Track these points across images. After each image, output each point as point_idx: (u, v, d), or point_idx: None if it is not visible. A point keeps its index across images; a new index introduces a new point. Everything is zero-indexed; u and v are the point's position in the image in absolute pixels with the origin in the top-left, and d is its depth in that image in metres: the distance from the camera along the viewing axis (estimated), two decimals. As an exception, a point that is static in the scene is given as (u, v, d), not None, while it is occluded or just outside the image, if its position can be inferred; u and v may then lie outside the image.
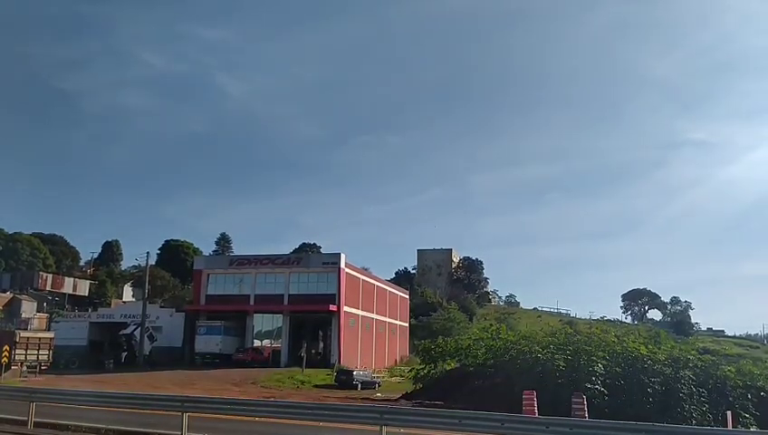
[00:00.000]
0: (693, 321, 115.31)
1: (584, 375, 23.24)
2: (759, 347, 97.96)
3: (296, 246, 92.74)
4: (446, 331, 65.06)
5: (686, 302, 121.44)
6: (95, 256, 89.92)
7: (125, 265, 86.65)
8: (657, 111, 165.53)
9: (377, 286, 61.53)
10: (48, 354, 37.77)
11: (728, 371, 24.61)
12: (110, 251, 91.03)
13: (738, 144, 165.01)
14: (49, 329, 48.44)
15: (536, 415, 18.35)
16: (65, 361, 42.80)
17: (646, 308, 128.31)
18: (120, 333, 52.14)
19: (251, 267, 53.26)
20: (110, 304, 67.58)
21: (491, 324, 42.60)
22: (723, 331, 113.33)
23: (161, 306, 59.17)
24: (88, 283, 77.04)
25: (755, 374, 25.30)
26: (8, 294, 64.71)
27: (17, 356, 35.64)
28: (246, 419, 16.26)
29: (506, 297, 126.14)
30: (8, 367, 34.75)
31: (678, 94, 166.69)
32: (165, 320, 53.49)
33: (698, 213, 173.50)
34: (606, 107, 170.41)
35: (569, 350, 25.57)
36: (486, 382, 27.20)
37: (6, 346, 34.99)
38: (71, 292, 73.85)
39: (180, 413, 14.89)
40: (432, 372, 33.45)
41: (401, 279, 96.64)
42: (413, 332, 70.46)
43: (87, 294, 74.48)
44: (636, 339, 27.43)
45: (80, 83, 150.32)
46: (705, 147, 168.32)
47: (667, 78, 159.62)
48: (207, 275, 54.34)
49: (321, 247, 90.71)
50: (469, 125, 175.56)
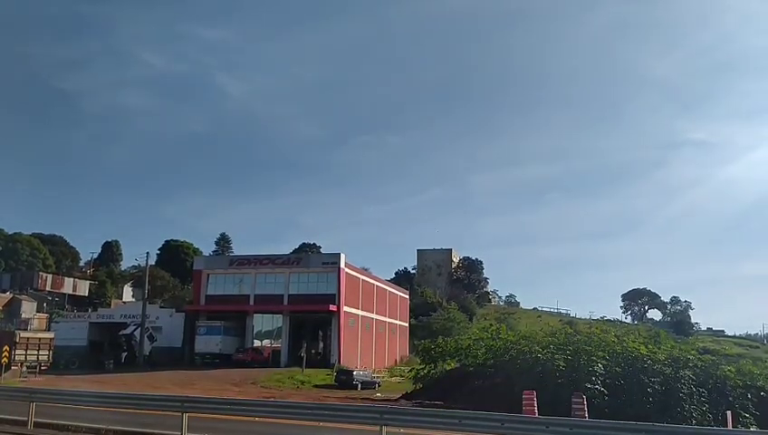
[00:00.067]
0: (693, 321, 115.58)
1: (584, 375, 23.24)
2: (759, 347, 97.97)
3: (296, 247, 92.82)
4: (446, 331, 65.06)
5: (685, 302, 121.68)
6: (95, 257, 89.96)
7: (125, 265, 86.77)
8: (657, 111, 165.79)
9: (377, 286, 61.53)
10: (48, 355, 37.77)
11: (728, 370, 24.62)
12: (110, 251, 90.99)
13: (738, 144, 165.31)
14: (49, 329, 48.42)
15: (536, 415, 18.34)
16: (65, 361, 42.78)
17: (646, 308, 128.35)
18: (120, 333, 52.11)
19: (251, 267, 53.26)
20: (109, 305, 67.61)
21: (491, 324, 42.61)
22: (723, 331, 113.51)
23: (161, 307, 59.19)
24: (88, 283, 77.03)
25: (755, 374, 25.32)
26: (8, 295, 64.69)
27: (17, 356, 35.63)
28: (246, 419, 16.26)
29: (506, 297, 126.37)
30: (8, 367, 34.72)
31: (678, 94, 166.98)
32: (165, 320, 53.49)
33: (698, 213, 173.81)
34: (606, 107, 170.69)
35: (569, 350, 25.56)
36: (486, 382, 27.19)
37: (6, 346, 34.96)
38: (70, 292, 73.83)
39: (180, 413, 14.89)
40: (432, 372, 33.45)
41: (401, 279, 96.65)
42: (413, 332, 70.46)
43: (87, 295, 74.47)
44: (636, 339, 27.43)
45: (80, 83, 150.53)
46: (705, 147, 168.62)
47: (667, 78, 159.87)
48: (207, 276, 54.34)
49: (321, 247, 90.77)
50: (469, 125, 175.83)
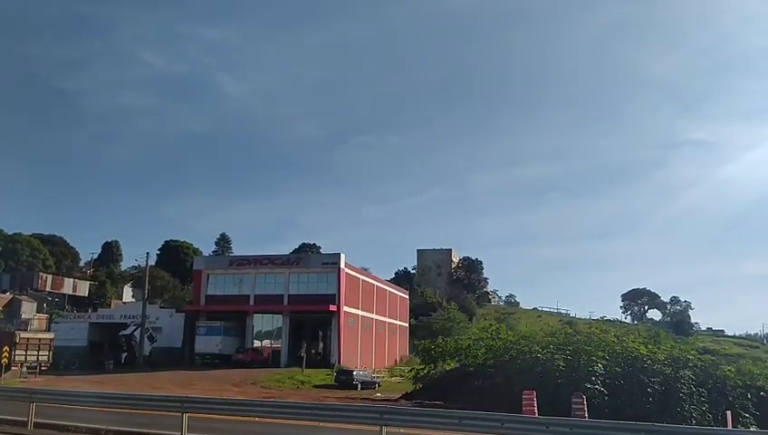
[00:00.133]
0: (693, 321, 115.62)
1: (584, 375, 23.23)
2: (759, 347, 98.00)
3: (296, 247, 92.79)
4: (446, 331, 65.05)
5: (685, 302, 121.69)
6: (95, 257, 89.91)
7: (125, 265, 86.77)
8: (656, 111, 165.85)
9: (377, 286, 61.54)
10: (48, 355, 37.74)
11: (728, 370, 24.64)
12: (110, 252, 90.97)
13: (738, 144, 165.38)
14: (49, 330, 48.38)
15: (536, 415, 18.35)
16: (65, 361, 42.76)
17: (645, 308, 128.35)
18: (120, 333, 52.10)
19: (251, 268, 53.27)
20: (109, 305, 67.62)
21: (491, 324, 42.60)
22: (722, 330, 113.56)
23: (161, 307, 59.19)
24: (88, 283, 77.00)
25: (755, 374, 25.35)
26: (8, 295, 64.66)
27: (17, 357, 35.61)
28: (246, 419, 16.28)
29: (506, 297, 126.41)
30: (8, 368, 34.71)
31: (678, 94, 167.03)
32: (165, 320, 53.49)
33: (698, 213, 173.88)
34: (606, 107, 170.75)
35: (568, 350, 25.56)
36: (486, 382, 27.18)
37: (6, 347, 34.94)
38: (70, 292, 73.79)
39: (180, 414, 14.90)
40: (432, 372, 33.46)
41: (401, 279, 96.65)
42: (413, 332, 70.47)
43: (87, 295, 74.44)
44: (635, 339, 27.43)
45: (80, 83, 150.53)
46: (704, 147, 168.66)
47: (666, 78, 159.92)
48: (207, 276, 54.34)
49: (320, 247, 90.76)
50: (469, 125, 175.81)
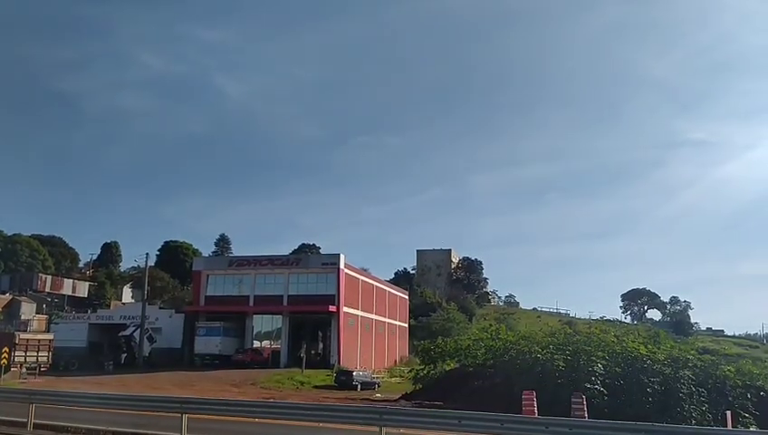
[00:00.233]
0: (692, 320, 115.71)
1: (584, 375, 23.21)
2: (758, 347, 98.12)
3: (295, 247, 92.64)
4: (446, 331, 65.06)
5: (685, 301, 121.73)
6: (94, 258, 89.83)
7: (124, 266, 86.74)
8: (655, 111, 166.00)
9: (376, 287, 61.52)
10: (47, 356, 37.77)
11: (728, 370, 24.61)
12: (110, 252, 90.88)
13: (737, 144, 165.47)
14: (48, 331, 48.35)
15: (536, 415, 18.36)
16: (65, 362, 42.74)
17: (645, 308, 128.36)
18: (120, 334, 52.11)
19: (250, 268, 53.23)
20: (109, 306, 67.49)
21: (490, 325, 42.65)
22: (722, 330, 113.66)
23: (161, 308, 59.14)
24: (87, 284, 76.89)
25: (755, 374, 25.34)
26: (7, 296, 64.55)
27: (17, 358, 35.65)
28: (246, 420, 16.27)
29: (506, 297, 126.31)
30: (8, 369, 34.73)
31: (677, 94, 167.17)
32: (164, 321, 53.46)
33: (697, 213, 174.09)
34: (605, 107, 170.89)
35: (568, 350, 25.55)
36: (486, 383, 27.17)
37: (6, 348, 34.97)
38: (70, 293, 73.64)
39: (180, 414, 14.89)
40: (431, 372, 33.48)
41: (401, 279, 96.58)
42: (412, 332, 70.44)
43: (86, 296, 74.31)
44: (635, 339, 27.40)
45: (79, 84, 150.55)
46: (703, 146, 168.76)
47: (665, 78, 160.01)
48: (207, 276, 54.30)
49: (320, 248, 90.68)
50: (469, 125, 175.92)
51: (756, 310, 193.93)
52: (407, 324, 70.63)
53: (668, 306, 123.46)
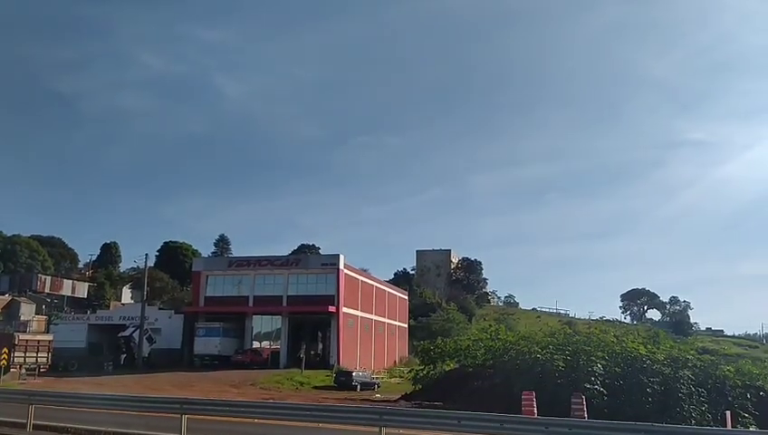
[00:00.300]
0: (692, 320, 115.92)
1: (583, 375, 23.21)
2: (758, 347, 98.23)
3: (295, 247, 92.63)
4: (446, 332, 65.11)
5: (684, 302, 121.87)
6: (94, 258, 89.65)
7: (124, 266, 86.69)
8: (655, 111, 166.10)
9: (376, 287, 61.52)
10: (47, 357, 37.74)
11: (727, 370, 24.63)
12: (109, 253, 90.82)
13: (736, 144, 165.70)
14: (48, 331, 48.36)
15: (535, 416, 18.36)
16: (64, 363, 42.69)
17: (645, 308, 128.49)
18: (119, 335, 52.09)
19: (250, 269, 53.21)
20: (108, 306, 67.40)
21: (490, 325, 42.69)
22: (722, 330, 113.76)
23: (160, 308, 59.12)
24: (87, 285, 76.78)
25: (754, 374, 25.37)
26: (7, 297, 64.46)
27: (16, 359, 35.62)
28: (245, 420, 16.27)
29: (505, 298, 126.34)
30: (7, 369, 34.72)
31: (677, 94, 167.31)
32: (164, 322, 53.41)
33: (696, 213, 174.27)
34: (604, 107, 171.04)
35: (568, 350, 25.54)
36: (485, 383, 27.18)
37: (5, 349, 34.96)
38: (69, 294, 73.53)
39: (179, 415, 14.89)
40: (431, 372, 33.48)
41: (400, 280, 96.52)
42: (412, 333, 70.45)
43: (86, 297, 74.20)
44: (635, 339, 27.40)
45: (79, 85, 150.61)
46: (703, 146, 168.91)
47: (665, 78, 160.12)
48: (206, 277, 54.26)
49: (319, 248, 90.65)
50: (469, 125, 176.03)
51: (756, 310, 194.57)
52: (406, 325, 70.61)
53: (668, 306, 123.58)
